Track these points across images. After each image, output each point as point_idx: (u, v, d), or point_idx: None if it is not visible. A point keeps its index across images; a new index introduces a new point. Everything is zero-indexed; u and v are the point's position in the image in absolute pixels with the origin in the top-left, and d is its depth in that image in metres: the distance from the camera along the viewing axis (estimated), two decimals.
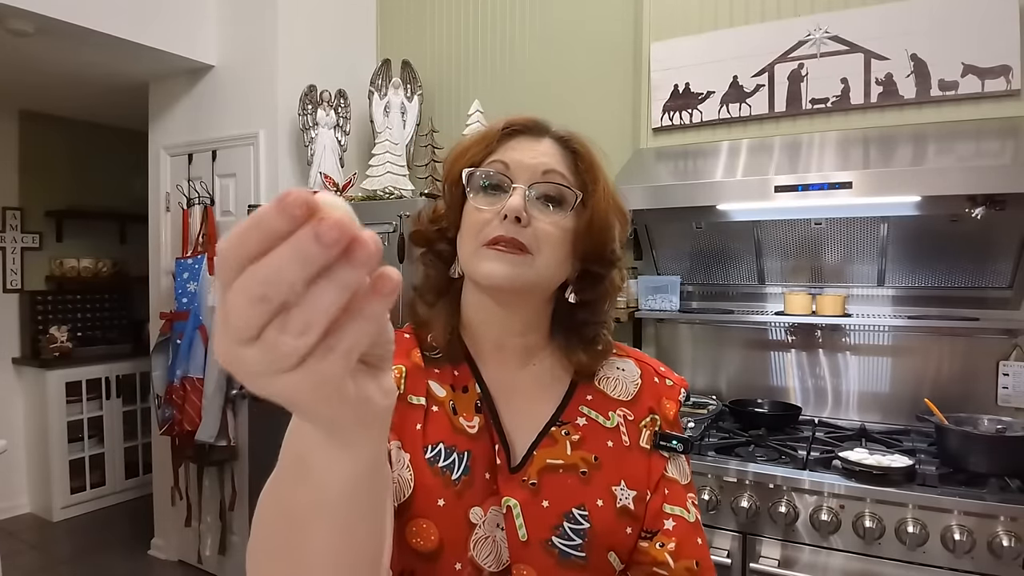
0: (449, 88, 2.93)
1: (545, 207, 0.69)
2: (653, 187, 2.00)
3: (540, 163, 0.70)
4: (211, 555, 2.97)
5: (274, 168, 2.80)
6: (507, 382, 0.74)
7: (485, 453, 0.70)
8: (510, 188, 0.69)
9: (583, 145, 0.73)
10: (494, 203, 0.69)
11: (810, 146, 1.95)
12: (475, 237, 0.69)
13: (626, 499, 0.70)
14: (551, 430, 0.72)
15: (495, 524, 0.67)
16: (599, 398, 0.75)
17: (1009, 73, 1.76)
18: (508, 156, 0.70)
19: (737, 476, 1.69)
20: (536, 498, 0.68)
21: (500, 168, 0.70)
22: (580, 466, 0.70)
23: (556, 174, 0.70)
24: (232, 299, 0.27)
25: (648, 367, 0.81)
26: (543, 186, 0.69)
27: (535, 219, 0.68)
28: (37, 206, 3.96)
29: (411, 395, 0.71)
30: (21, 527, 3.61)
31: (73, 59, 2.88)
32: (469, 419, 0.71)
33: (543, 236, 0.68)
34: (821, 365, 2.16)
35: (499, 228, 0.67)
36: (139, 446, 4.01)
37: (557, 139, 0.73)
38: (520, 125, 0.73)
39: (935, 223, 1.85)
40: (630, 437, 0.74)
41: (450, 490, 0.67)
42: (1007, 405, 1.88)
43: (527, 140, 0.72)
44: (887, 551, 1.52)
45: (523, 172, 0.69)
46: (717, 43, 2.15)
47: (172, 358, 2.84)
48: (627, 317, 2.31)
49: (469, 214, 0.70)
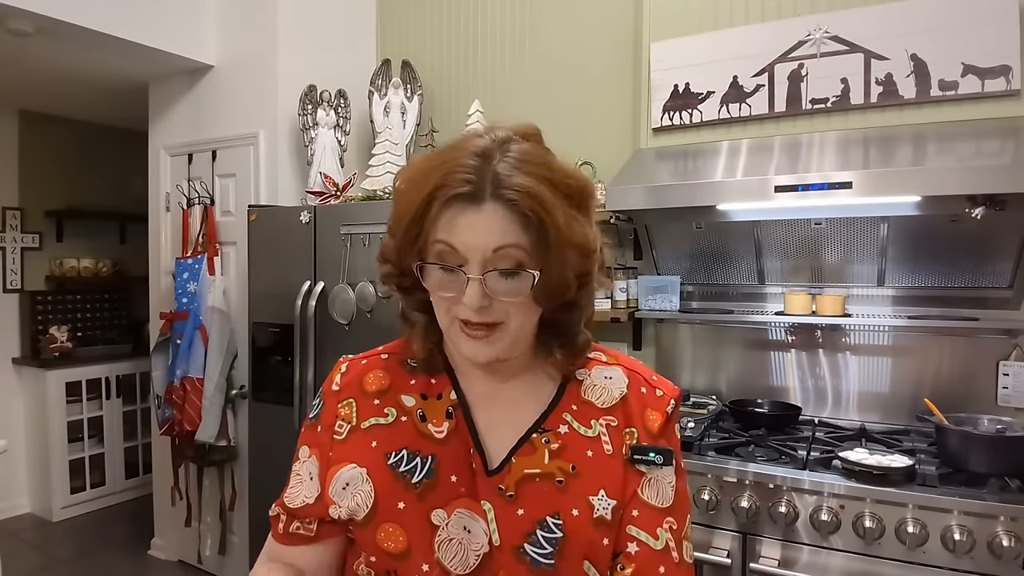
0: (449, 88, 2.93)
1: (503, 279, 0.65)
2: (653, 187, 2.00)
3: (487, 243, 0.63)
4: (211, 555, 2.97)
5: (274, 168, 2.80)
6: (489, 391, 0.75)
7: (454, 457, 0.71)
8: (462, 274, 0.65)
9: (532, 204, 0.63)
10: (452, 283, 0.66)
11: (810, 146, 1.95)
12: (446, 312, 0.68)
13: (604, 509, 0.69)
14: (532, 437, 0.72)
15: (461, 527, 0.68)
16: (583, 407, 0.74)
17: (1009, 73, 1.76)
18: (453, 236, 0.64)
19: (737, 476, 1.69)
20: (512, 506, 0.69)
21: (446, 252, 0.65)
22: (556, 475, 0.70)
23: (509, 248, 0.64)
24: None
25: (637, 376, 0.78)
26: (497, 267, 0.64)
27: (496, 297, 0.65)
28: (37, 206, 3.97)
29: (366, 420, 0.74)
30: (21, 527, 3.61)
31: (73, 59, 2.88)
32: (438, 424, 0.73)
33: (509, 308, 0.66)
34: (821, 365, 2.16)
35: (466, 312, 0.66)
36: (139, 446, 4.01)
37: (500, 201, 0.63)
38: (458, 196, 0.63)
39: (935, 223, 1.85)
40: (613, 444, 0.73)
41: (411, 493, 0.69)
42: (1007, 405, 1.88)
43: (470, 212, 0.63)
44: (887, 551, 1.52)
45: (473, 254, 0.64)
46: (717, 43, 2.15)
47: (172, 358, 2.84)
48: (627, 317, 2.31)
49: (431, 293, 0.69)
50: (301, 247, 2.43)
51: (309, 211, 2.41)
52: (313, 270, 2.40)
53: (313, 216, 2.40)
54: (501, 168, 0.64)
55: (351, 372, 0.79)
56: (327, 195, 2.54)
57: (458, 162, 0.64)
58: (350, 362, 0.81)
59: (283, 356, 2.46)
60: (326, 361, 2.36)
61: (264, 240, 2.54)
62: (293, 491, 0.76)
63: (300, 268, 2.42)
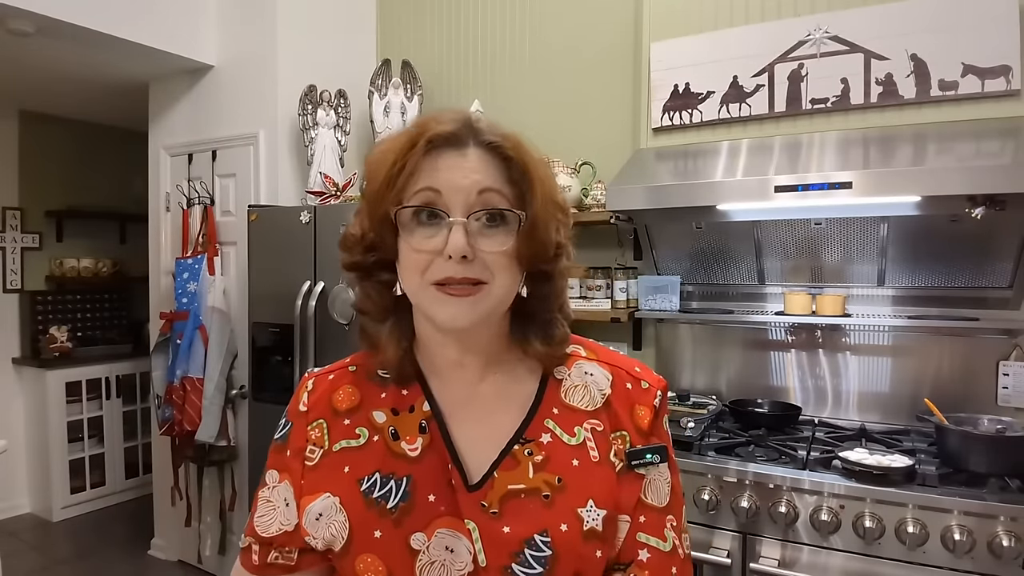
0: (449, 88, 2.92)
1: (487, 230, 0.64)
2: (653, 187, 2.00)
3: (473, 182, 0.63)
4: (211, 555, 2.97)
5: (274, 168, 2.80)
6: (464, 397, 0.71)
7: (431, 475, 0.67)
8: (446, 220, 0.63)
9: (514, 147, 0.65)
10: (432, 236, 0.63)
11: (810, 146, 1.94)
12: (420, 275, 0.64)
13: (594, 520, 0.65)
14: (513, 448, 0.68)
15: (442, 547, 0.64)
16: (564, 412, 0.70)
17: (1009, 73, 1.76)
18: (437, 180, 0.63)
19: (737, 476, 1.69)
20: (497, 523, 0.65)
21: (431, 197, 0.63)
22: (543, 489, 0.66)
23: (492, 193, 0.64)
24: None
25: (620, 371, 0.73)
26: (482, 212, 0.63)
27: (480, 249, 0.63)
28: (37, 206, 3.97)
29: (338, 443, 0.71)
30: (21, 527, 3.61)
31: (73, 59, 2.88)
32: (412, 441, 0.69)
33: (493, 263, 0.64)
34: (821, 365, 2.16)
35: (446, 268, 0.62)
36: (139, 446, 4.01)
37: (484, 146, 0.65)
38: (441, 137, 0.64)
39: (935, 223, 1.85)
40: (599, 451, 0.69)
41: (387, 520, 0.66)
42: (1007, 405, 1.88)
43: (452, 155, 0.64)
44: (887, 551, 1.52)
45: (456, 196, 0.62)
46: (717, 43, 2.15)
47: (172, 358, 2.84)
48: (627, 317, 2.31)
49: (406, 251, 0.65)
50: (301, 247, 2.43)
51: (309, 211, 2.41)
52: (313, 270, 2.40)
53: (313, 216, 2.40)
54: (481, 124, 0.66)
55: (318, 390, 0.74)
56: (327, 195, 2.54)
57: (436, 119, 0.66)
58: (316, 378, 0.76)
59: (283, 356, 2.46)
60: (326, 361, 2.34)
61: (264, 240, 2.54)
62: (265, 518, 0.72)
63: (300, 268, 2.42)
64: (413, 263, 0.64)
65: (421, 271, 0.64)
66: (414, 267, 0.64)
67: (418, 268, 0.64)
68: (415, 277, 0.64)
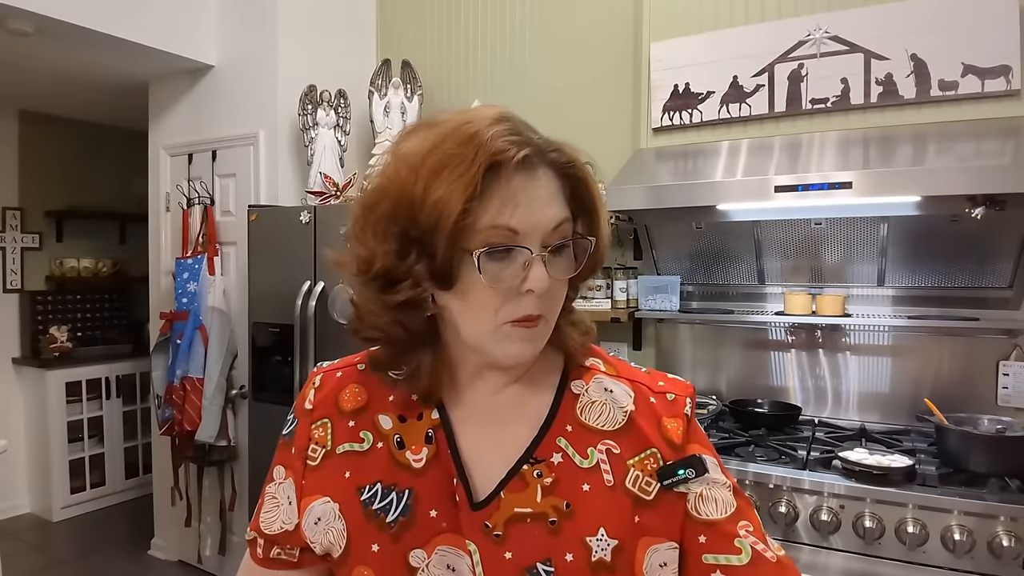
0: (449, 88, 2.92)
1: (555, 258, 0.59)
2: (653, 187, 2.00)
3: (550, 218, 0.58)
4: (211, 555, 2.97)
5: (274, 168, 2.80)
6: (477, 407, 0.67)
7: (435, 488, 0.63)
8: (522, 254, 0.57)
9: (582, 168, 0.61)
10: (504, 270, 0.57)
11: (810, 146, 1.95)
12: (494, 313, 0.58)
13: (603, 551, 0.60)
14: (522, 469, 0.63)
15: (444, 565, 0.61)
16: (579, 431, 0.65)
17: (1009, 73, 1.76)
18: (515, 216, 0.56)
19: (737, 476, 1.68)
20: (499, 548, 0.61)
21: (508, 237, 0.56)
22: (550, 515, 0.61)
23: (567, 225, 0.60)
24: None
25: (642, 387, 0.68)
26: (559, 246, 0.59)
27: (554, 278, 0.59)
28: (37, 206, 3.97)
29: (341, 445, 0.68)
30: (21, 527, 3.61)
31: (73, 59, 2.88)
32: (417, 452, 0.65)
33: (555, 296, 0.61)
34: (821, 365, 2.16)
35: (526, 305, 0.58)
36: (139, 446, 4.01)
37: (555, 167, 0.59)
38: (510, 155, 0.55)
39: (935, 223, 1.85)
40: (614, 475, 0.63)
41: (385, 534, 0.63)
42: (1007, 405, 1.88)
43: (523, 180, 0.57)
44: (887, 551, 1.52)
45: (534, 232, 0.57)
46: (717, 43, 2.15)
47: (172, 358, 2.84)
48: (627, 317, 2.31)
49: (477, 288, 0.58)
50: (301, 247, 2.43)
51: (309, 211, 2.41)
52: (313, 270, 2.40)
53: (313, 216, 2.40)
54: (542, 139, 0.59)
55: (325, 387, 0.71)
56: (327, 195, 2.54)
57: (488, 128, 0.56)
58: (324, 374, 0.72)
59: (283, 356, 2.46)
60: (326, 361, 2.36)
61: (264, 240, 2.54)
62: (269, 515, 0.70)
63: (300, 268, 2.42)
64: (486, 301, 0.58)
65: (495, 309, 0.58)
66: (487, 305, 0.58)
67: (491, 306, 0.58)
68: (486, 316, 0.59)
